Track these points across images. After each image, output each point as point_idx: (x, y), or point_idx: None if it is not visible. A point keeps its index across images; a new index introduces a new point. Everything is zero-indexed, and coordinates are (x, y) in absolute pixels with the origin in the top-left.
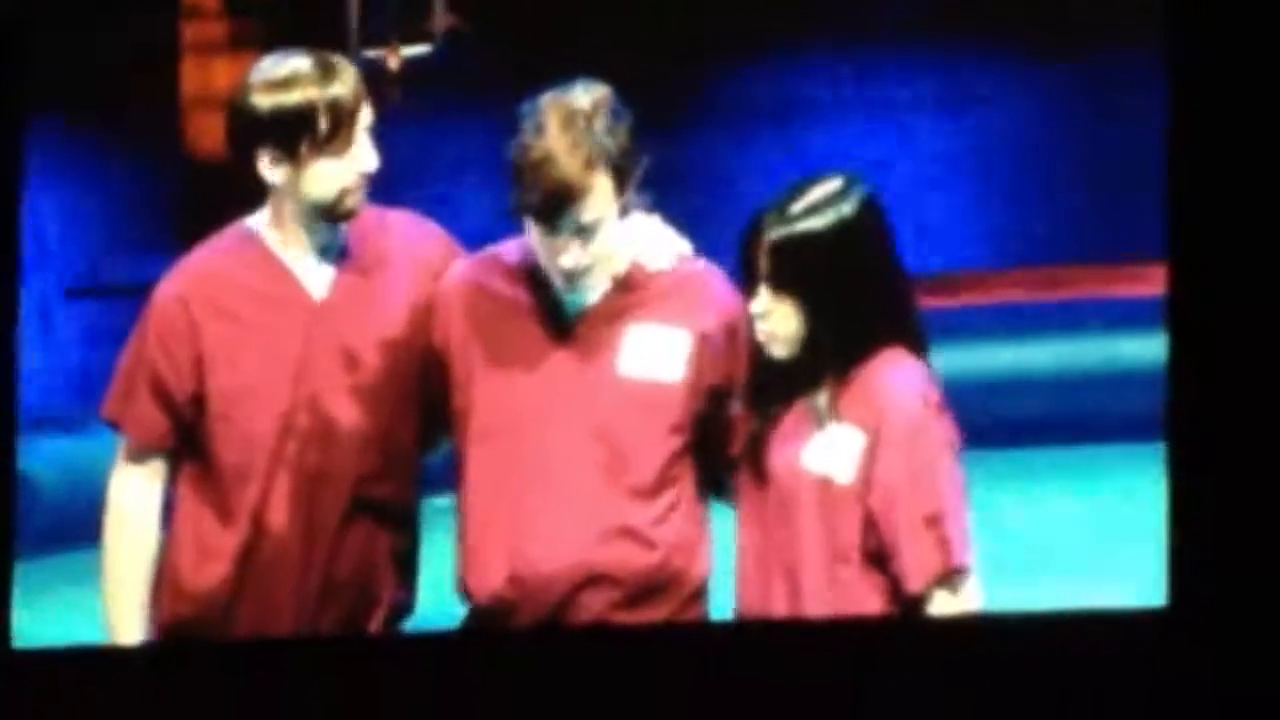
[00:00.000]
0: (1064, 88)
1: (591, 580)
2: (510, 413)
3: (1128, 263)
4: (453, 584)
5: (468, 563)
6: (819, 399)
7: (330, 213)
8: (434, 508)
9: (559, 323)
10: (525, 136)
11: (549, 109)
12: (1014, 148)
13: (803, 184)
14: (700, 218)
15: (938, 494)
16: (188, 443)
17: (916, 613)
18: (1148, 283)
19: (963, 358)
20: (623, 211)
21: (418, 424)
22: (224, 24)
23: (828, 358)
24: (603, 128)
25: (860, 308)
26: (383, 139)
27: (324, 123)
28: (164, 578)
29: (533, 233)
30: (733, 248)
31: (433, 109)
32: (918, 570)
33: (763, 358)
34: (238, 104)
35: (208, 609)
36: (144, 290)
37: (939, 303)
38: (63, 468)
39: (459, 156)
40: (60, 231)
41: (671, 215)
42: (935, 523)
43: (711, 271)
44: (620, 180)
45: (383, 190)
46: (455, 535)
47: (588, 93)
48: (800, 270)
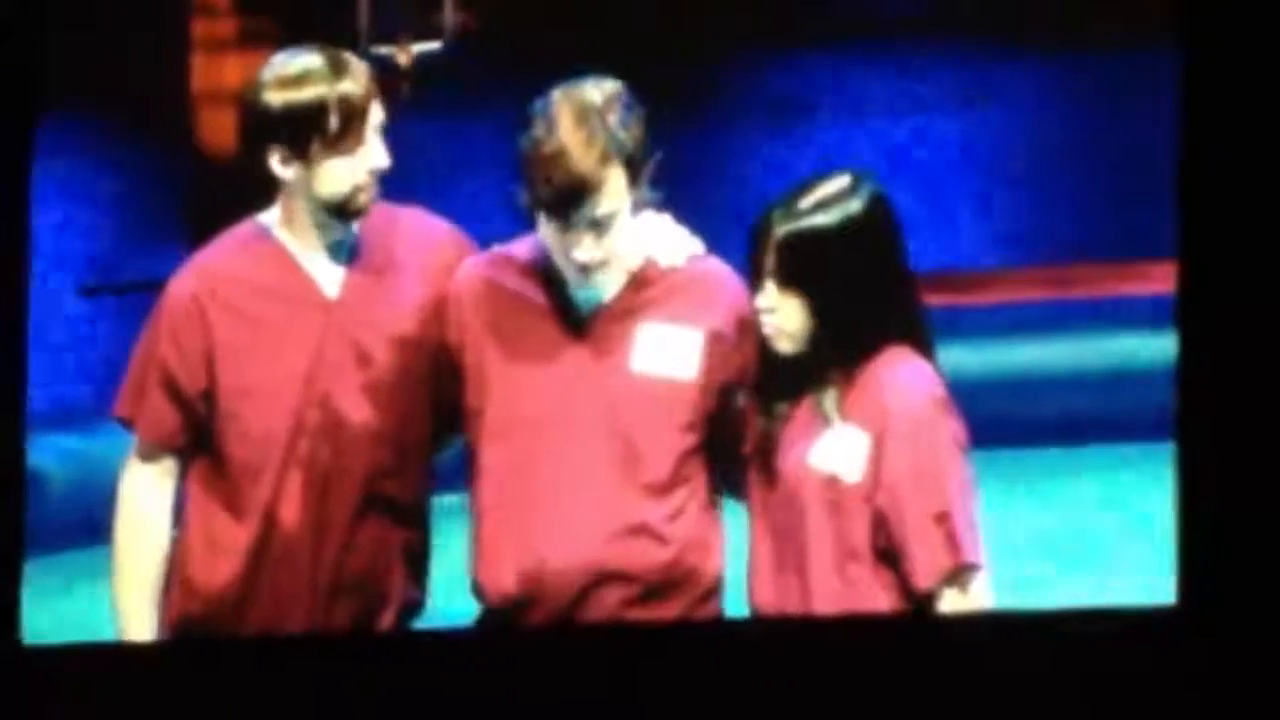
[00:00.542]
0: (1075, 87)
1: (605, 578)
2: (524, 410)
3: (1137, 261)
4: (464, 582)
5: (481, 560)
6: (825, 398)
7: (341, 210)
8: (445, 506)
9: (572, 320)
10: (538, 132)
11: (561, 104)
12: (1024, 146)
13: (811, 180)
14: (708, 214)
15: (945, 492)
16: (199, 440)
17: (927, 610)
18: (1157, 281)
19: (971, 356)
20: (636, 206)
21: (429, 421)
22: (235, 21)
23: (833, 355)
24: (616, 121)
25: (866, 305)
26: (393, 135)
27: (335, 120)
28: (175, 575)
29: (546, 229)
30: (740, 244)
31: (443, 105)
32: (927, 568)
33: (769, 354)
34: (249, 102)
35: (219, 606)
36: (155, 287)
37: (948, 300)
38: (73, 465)
39: (469, 152)
40: (71, 228)
41: (680, 212)
42: (943, 520)
43: (723, 269)
44: (633, 174)
45: (393, 186)
46: (468, 533)
47: (599, 87)
48: (807, 266)
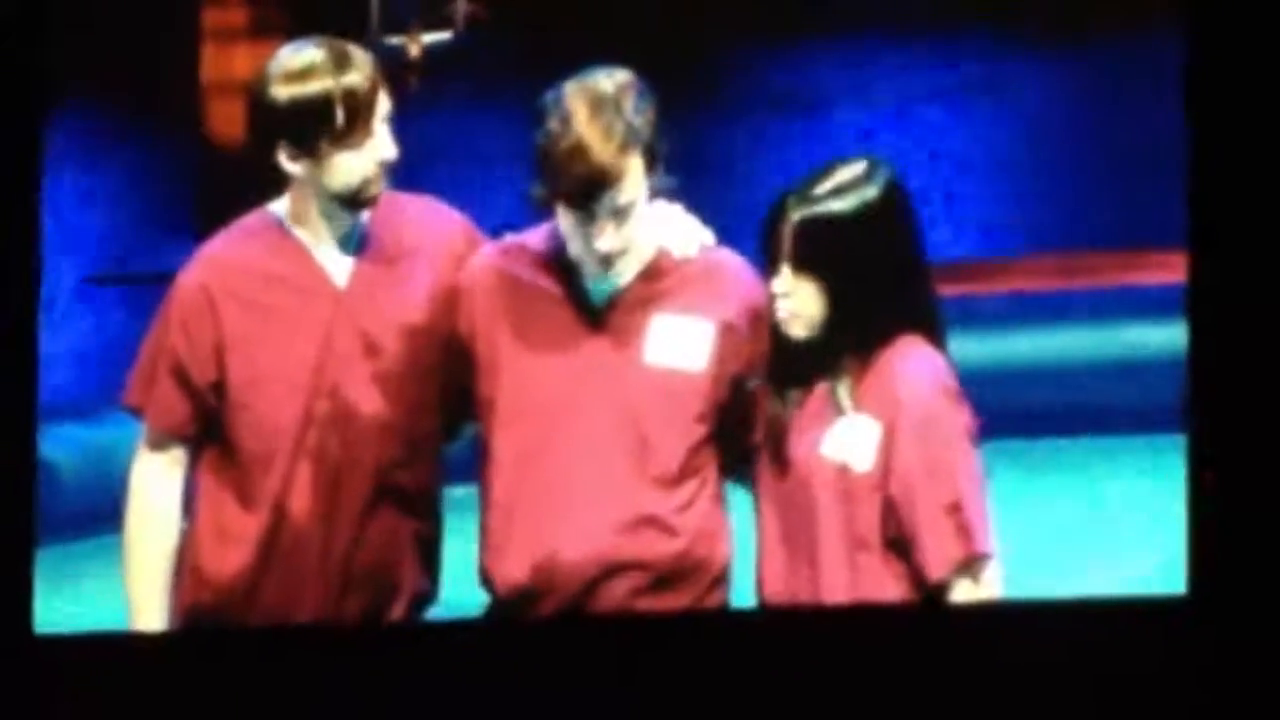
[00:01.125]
0: (1085, 75)
1: (614, 569)
2: (537, 400)
3: (1147, 250)
4: (474, 573)
5: (491, 550)
6: (837, 387)
7: (351, 202)
8: (454, 498)
9: (586, 310)
10: (554, 125)
11: (575, 96)
12: (1034, 135)
13: (828, 166)
14: (714, 206)
15: (956, 482)
16: (209, 430)
17: (938, 600)
18: (1168, 270)
19: (981, 346)
20: (651, 193)
21: (439, 411)
22: (245, 11)
23: (847, 341)
24: (631, 110)
25: (881, 291)
26: (403, 126)
27: (341, 114)
28: (185, 564)
29: (564, 219)
30: (751, 235)
31: (453, 96)
32: (938, 558)
33: (783, 341)
34: (255, 98)
35: (229, 596)
36: (165, 278)
37: (958, 290)
38: (83, 454)
39: (480, 142)
40: (81, 219)
41: (686, 203)
42: (955, 510)
43: (735, 260)
44: (651, 161)
45: (403, 176)
46: (478, 522)
47: (611, 77)
48: (822, 251)
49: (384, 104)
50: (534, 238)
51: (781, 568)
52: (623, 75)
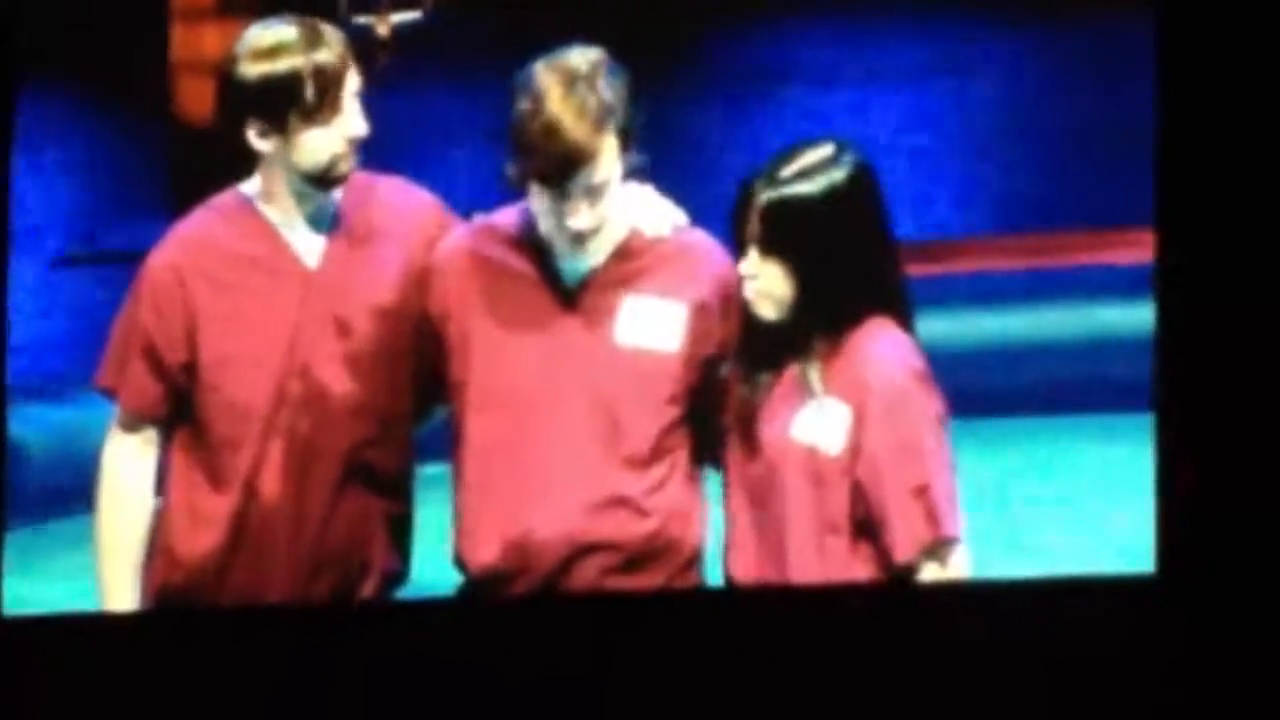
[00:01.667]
0: (1053, 55)
1: (586, 549)
2: (509, 381)
3: (1114, 230)
4: (446, 552)
5: (463, 530)
6: (807, 370)
7: (321, 180)
8: (426, 476)
9: (558, 291)
10: (527, 105)
11: (548, 75)
12: (1000, 114)
13: (795, 148)
14: (690, 185)
15: (924, 465)
16: (181, 410)
17: (906, 582)
18: (1135, 249)
19: (946, 325)
20: (624, 171)
21: (411, 392)
22: None
23: (816, 323)
24: (604, 88)
25: (848, 273)
26: (373, 105)
27: (310, 91)
28: (157, 545)
29: (537, 198)
30: (723, 216)
31: (423, 75)
32: (906, 541)
33: (752, 324)
34: (224, 75)
35: (200, 576)
36: (134, 258)
37: (926, 270)
38: (52, 435)
39: (449, 121)
40: (49, 199)
41: (662, 183)
42: (922, 493)
43: (708, 241)
44: (624, 139)
45: (373, 156)
46: (451, 503)
47: (583, 55)
48: (790, 234)
49: (354, 80)
50: (505, 218)
51: (750, 551)
52: (595, 53)
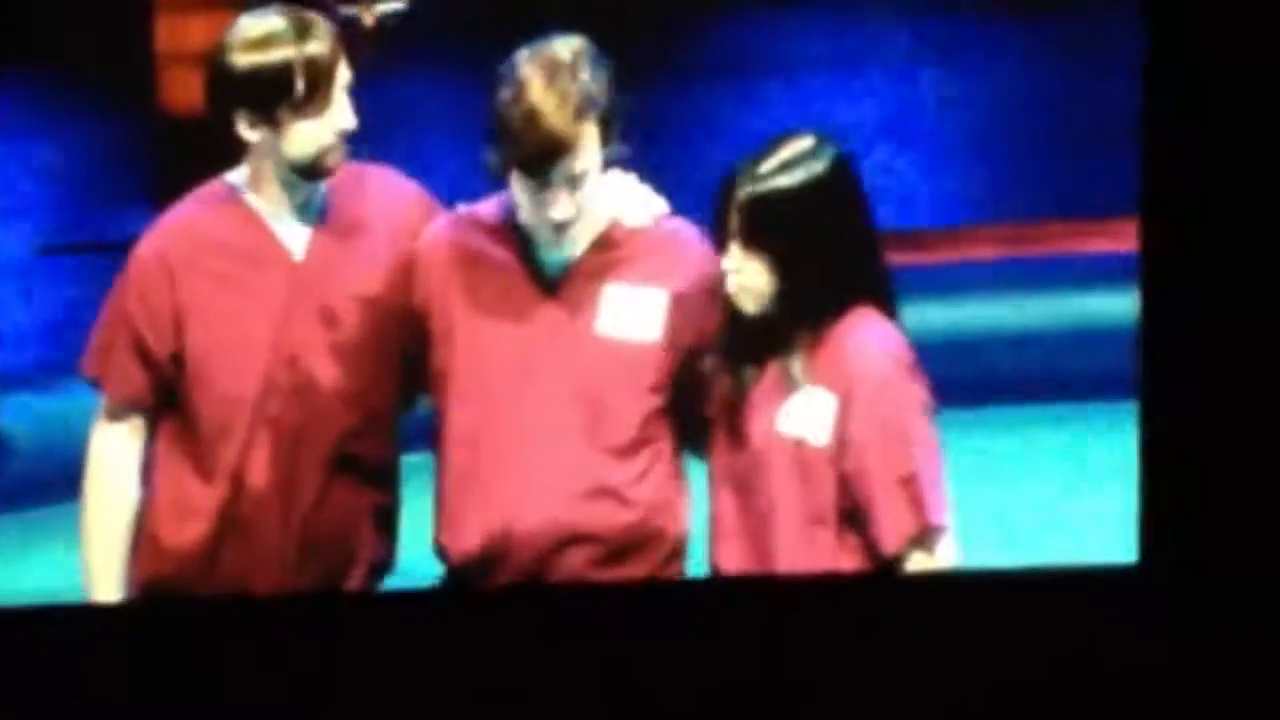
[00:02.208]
0: (1037, 43)
1: (569, 539)
2: (491, 370)
3: (1098, 219)
4: (427, 540)
5: (445, 520)
6: (791, 362)
7: (309, 172)
8: (409, 465)
9: (539, 281)
10: (509, 93)
11: (531, 64)
12: (985, 102)
13: (775, 141)
14: (667, 174)
15: (910, 454)
16: (167, 400)
17: (893, 572)
18: (1119, 238)
19: (931, 314)
20: (606, 162)
21: (397, 382)
22: None
23: (799, 316)
24: (586, 78)
25: (830, 266)
26: (358, 95)
27: (301, 83)
28: (143, 535)
29: (519, 188)
30: (703, 204)
31: (407, 65)
32: (892, 531)
33: (736, 316)
34: (214, 65)
35: (187, 567)
36: (120, 247)
37: (908, 259)
38: (36, 424)
39: (434, 111)
40: (33, 188)
41: (644, 172)
42: (908, 483)
43: (690, 231)
44: (606, 130)
45: (359, 146)
46: (433, 493)
47: (567, 45)
48: (771, 228)
49: (344, 74)
50: (487, 208)
51: (738, 543)
52: (578, 43)
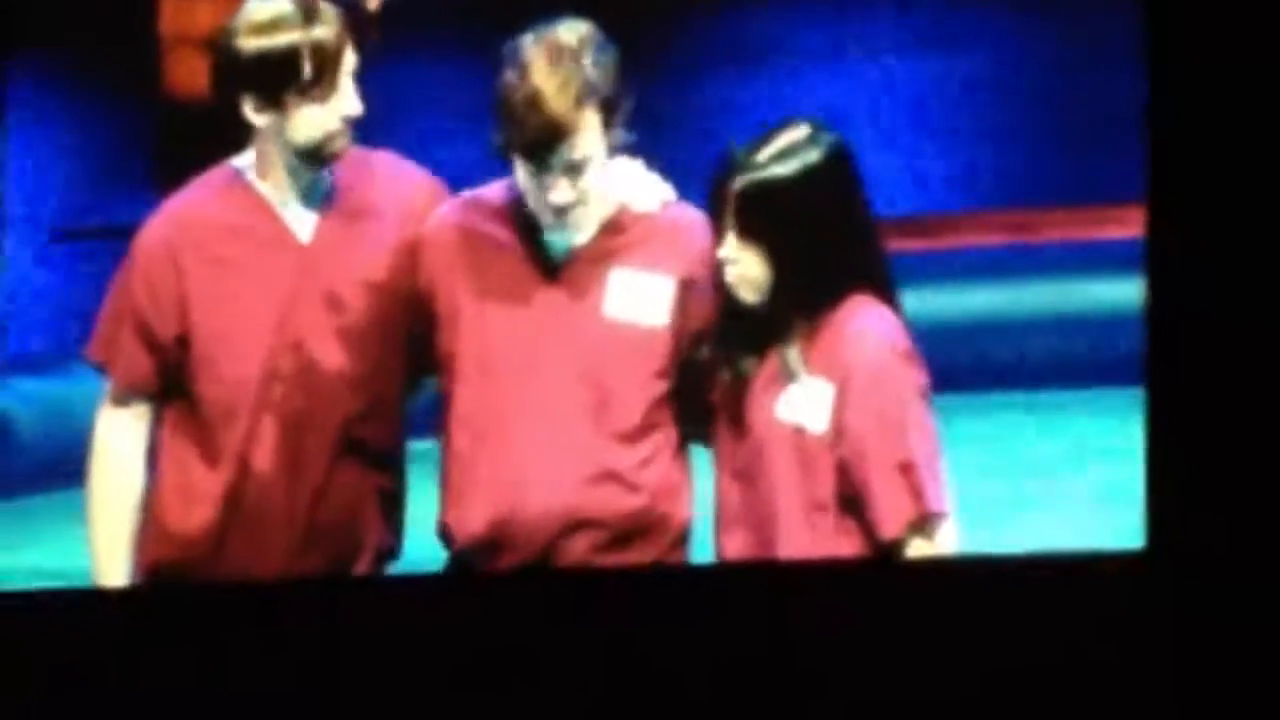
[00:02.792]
0: (1040, 28)
1: (575, 524)
2: (497, 355)
3: (1103, 205)
4: (432, 526)
5: (450, 502)
6: (790, 350)
7: (315, 156)
8: (414, 452)
9: (546, 265)
10: (512, 76)
11: (535, 47)
12: (988, 89)
13: (770, 130)
14: (670, 160)
15: (908, 441)
16: (173, 385)
17: (893, 558)
18: (1125, 225)
19: (933, 301)
20: (610, 149)
21: (403, 367)
22: None
23: (795, 305)
24: (590, 64)
25: (827, 254)
26: (363, 79)
27: (308, 68)
28: (149, 520)
29: (521, 172)
30: (702, 191)
31: (412, 48)
32: (892, 517)
33: (733, 305)
34: (221, 49)
35: (193, 552)
36: (126, 233)
37: (910, 245)
38: (41, 409)
39: (439, 96)
40: (37, 174)
41: (651, 158)
42: (907, 470)
43: (696, 216)
44: (608, 116)
45: (364, 131)
46: (438, 477)
47: (572, 29)
48: (766, 217)
49: (350, 59)
50: (493, 192)
51: (739, 530)
52: (584, 28)
